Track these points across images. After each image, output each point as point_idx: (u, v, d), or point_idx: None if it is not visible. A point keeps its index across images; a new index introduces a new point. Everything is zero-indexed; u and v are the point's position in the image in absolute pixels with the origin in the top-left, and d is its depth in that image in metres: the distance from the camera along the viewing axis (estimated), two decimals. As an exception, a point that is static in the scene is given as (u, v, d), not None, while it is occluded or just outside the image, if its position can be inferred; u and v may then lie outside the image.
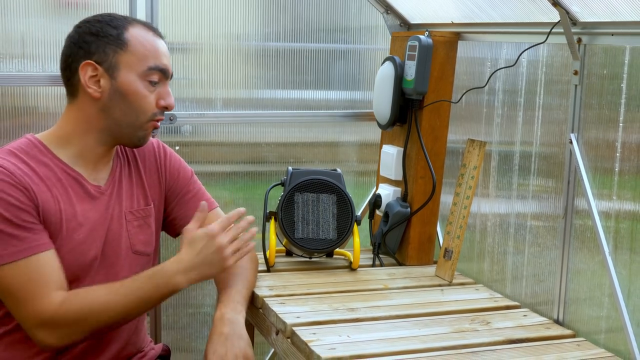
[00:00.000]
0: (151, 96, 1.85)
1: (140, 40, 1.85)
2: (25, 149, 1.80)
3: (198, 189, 2.07)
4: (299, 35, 2.62)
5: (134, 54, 1.83)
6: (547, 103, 2.08)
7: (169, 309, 2.60)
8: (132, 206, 1.92)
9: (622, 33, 1.79)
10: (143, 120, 1.85)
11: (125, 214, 1.90)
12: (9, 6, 2.24)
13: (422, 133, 2.36)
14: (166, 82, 1.89)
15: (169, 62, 1.89)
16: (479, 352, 1.75)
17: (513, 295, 2.17)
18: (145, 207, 1.96)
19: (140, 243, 1.93)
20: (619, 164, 1.82)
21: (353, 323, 1.90)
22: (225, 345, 1.77)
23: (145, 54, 1.84)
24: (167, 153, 2.06)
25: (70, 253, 1.79)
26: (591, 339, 1.87)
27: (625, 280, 1.78)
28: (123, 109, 1.83)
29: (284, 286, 2.13)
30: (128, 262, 1.90)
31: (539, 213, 2.11)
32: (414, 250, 2.42)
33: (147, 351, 2.03)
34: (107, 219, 1.86)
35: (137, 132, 1.86)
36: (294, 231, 2.25)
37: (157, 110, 1.87)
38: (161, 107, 1.87)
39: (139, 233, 1.93)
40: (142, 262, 1.94)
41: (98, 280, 1.82)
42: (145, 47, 1.85)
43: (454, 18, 2.39)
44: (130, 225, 1.91)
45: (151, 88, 1.85)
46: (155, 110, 1.87)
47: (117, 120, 1.84)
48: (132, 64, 1.83)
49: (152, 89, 1.85)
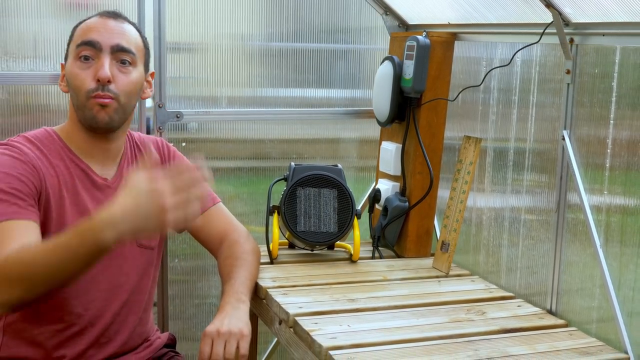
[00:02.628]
0: (85, 72, 1.81)
1: (82, 25, 1.87)
2: (40, 137, 1.84)
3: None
4: (301, 35, 2.61)
5: (74, 41, 1.85)
6: (540, 101, 2.07)
7: (175, 299, 2.60)
8: None
9: (613, 33, 1.79)
10: (82, 99, 1.82)
11: None
12: (21, 8, 2.24)
13: (420, 130, 2.36)
14: (102, 55, 1.82)
15: (106, 35, 1.82)
16: (475, 341, 1.76)
17: (508, 286, 2.17)
18: None
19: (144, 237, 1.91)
20: (610, 160, 1.82)
21: (353, 313, 1.91)
22: (223, 321, 1.77)
23: (79, 34, 1.85)
24: (171, 151, 2.07)
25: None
26: (583, 328, 1.87)
27: (615, 272, 1.79)
28: (71, 93, 1.85)
29: (286, 277, 2.14)
30: (132, 255, 1.91)
31: (532, 207, 2.11)
32: (412, 243, 2.42)
33: (154, 340, 2.04)
34: None
35: (84, 112, 1.82)
36: (296, 224, 2.26)
37: (93, 86, 1.81)
38: (96, 80, 1.80)
39: None
40: (146, 255, 1.95)
41: (100, 271, 1.82)
42: (81, 29, 1.85)
43: (450, 19, 2.38)
44: None
45: (84, 65, 1.82)
46: (91, 86, 1.81)
47: (73, 106, 1.85)
48: (71, 51, 1.85)
49: (86, 66, 1.82)
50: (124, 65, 1.85)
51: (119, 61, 1.84)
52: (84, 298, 1.84)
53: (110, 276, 1.87)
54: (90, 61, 1.82)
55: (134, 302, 1.94)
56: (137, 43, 1.90)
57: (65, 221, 1.80)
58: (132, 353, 1.96)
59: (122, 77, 1.84)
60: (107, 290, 1.87)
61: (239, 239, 2.06)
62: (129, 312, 1.93)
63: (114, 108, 1.83)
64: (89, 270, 1.58)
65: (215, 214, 2.09)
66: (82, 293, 1.83)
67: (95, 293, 1.86)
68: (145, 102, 2.41)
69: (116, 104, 1.83)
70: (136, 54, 1.88)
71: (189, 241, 2.57)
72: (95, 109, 1.81)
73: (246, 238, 2.08)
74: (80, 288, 1.82)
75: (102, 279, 1.86)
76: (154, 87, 2.40)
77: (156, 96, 2.43)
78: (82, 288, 1.83)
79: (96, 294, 1.86)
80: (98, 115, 1.81)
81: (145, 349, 2.00)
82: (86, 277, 1.78)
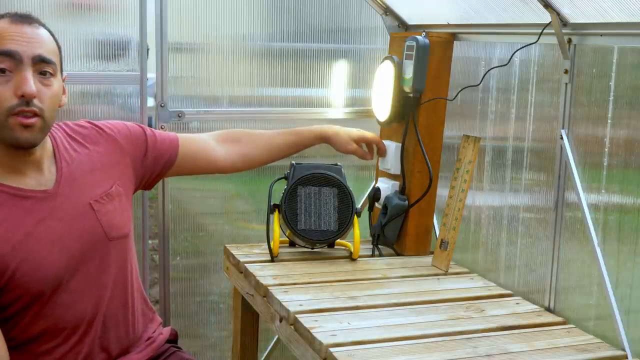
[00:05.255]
0: (3, 88, 1.62)
1: None
2: None
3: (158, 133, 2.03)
4: (301, 35, 2.62)
5: None
6: (538, 100, 2.08)
7: (177, 297, 2.61)
8: (95, 193, 1.82)
9: (611, 34, 1.80)
10: (1, 117, 1.63)
11: (92, 204, 1.81)
12: (23, 8, 2.23)
13: (420, 129, 2.36)
14: (23, 68, 1.64)
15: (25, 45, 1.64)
16: (474, 338, 1.77)
17: (506, 284, 2.18)
18: (110, 188, 1.86)
19: (116, 227, 1.85)
20: (608, 159, 1.83)
21: (353, 311, 1.91)
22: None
23: None
24: (104, 125, 1.94)
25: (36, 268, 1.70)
26: (581, 325, 1.88)
27: (613, 270, 1.80)
28: None
29: (287, 275, 2.14)
30: (107, 251, 1.84)
31: (531, 205, 2.11)
32: (412, 241, 2.42)
33: (156, 337, 2.02)
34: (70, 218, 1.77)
35: (3, 131, 1.65)
36: (296, 223, 2.26)
37: (15, 102, 1.63)
38: (18, 96, 1.62)
39: (113, 216, 1.84)
40: (124, 242, 1.89)
41: (91, 273, 1.80)
42: None
43: (449, 19, 2.38)
44: (99, 213, 1.82)
45: (2, 79, 1.63)
46: (11, 103, 1.63)
47: None
48: None
49: (4, 80, 1.63)
50: (45, 77, 1.69)
51: (39, 73, 1.68)
52: (73, 311, 1.80)
53: (92, 279, 1.82)
54: (8, 74, 1.63)
55: (120, 295, 1.89)
56: (54, 50, 1.74)
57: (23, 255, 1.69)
58: (135, 352, 1.95)
59: (45, 90, 1.69)
60: (93, 294, 1.83)
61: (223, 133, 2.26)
62: (119, 307, 1.89)
63: (39, 127, 1.68)
64: None
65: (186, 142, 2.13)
66: (72, 306, 1.80)
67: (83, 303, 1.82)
68: (147, 101, 2.42)
69: (41, 121, 1.68)
70: (56, 63, 1.73)
71: (190, 239, 2.59)
72: (16, 129, 1.65)
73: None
74: (67, 303, 1.78)
75: (86, 286, 1.81)
76: (157, 86, 2.42)
77: (158, 96, 2.45)
78: (70, 301, 1.79)
79: (84, 303, 1.82)
80: (20, 136, 1.65)
81: (147, 347, 1.99)
82: (70, 288, 1.76)
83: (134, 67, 2.39)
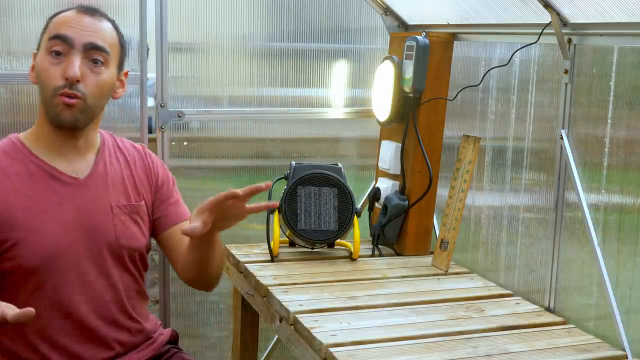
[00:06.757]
0: (54, 68, 1.74)
1: (56, 19, 1.79)
2: (3, 147, 1.82)
3: (179, 197, 2.03)
4: (301, 35, 2.62)
5: (47, 32, 1.78)
6: (538, 100, 2.08)
7: (177, 297, 2.61)
8: (119, 200, 1.88)
9: (611, 34, 1.80)
10: (49, 95, 1.75)
11: (113, 207, 1.86)
12: (24, 7, 2.24)
13: (420, 129, 2.36)
14: (74, 53, 1.75)
15: (80, 32, 1.75)
16: (474, 338, 1.77)
17: (506, 284, 2.18)
18: (136, 203, 1.91)
19: (127, 237, 1.88)
20: (607, 159, 1.83)
21: (353, 311, 1.91)
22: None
23: (53, 27, 1.77)
24: (154, 158, 2.03)
25: (40, 242, 1.76)
26: (581, 325, 1.88)
27: (613, 270, 1.80)
28: (39, 87, 1.78)
29: (287, 275, 2.15)
30: (113, 253, 1.86)
31: (531, 205, 2.12)
32: (412, 241, 2.42)
33: (156, 337, 2.02)
34: (88, 211, 1.82)
35: (49, 109, 1.77)
36: (296, 223, 2.27)
37: (61, 83, 1.73)
38: (64, 78, 1.73)
39: (128, 227, 1.88)
40: (130, 255, 1.90)
41: (83, 268, 1.81)
42: (56, 22, 1.78)
43: (449, 19, 2.39)
44: (117, 218, 1.86)
45: (55, 60, 1.74)
46: (58, 84, 1.73)
47: (40, 101, 1.79)
48: (44, 42, 1.78)
49: (57, 61, 1.75)
50: (95, 65, 1.78)
51: (90, 60, 1.77)
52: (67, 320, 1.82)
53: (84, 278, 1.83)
54: (61, 57, 1.75)
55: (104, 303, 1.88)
56: (112, 41, 1.82)
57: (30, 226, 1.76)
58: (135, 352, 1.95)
59: (92, 76, 1.77)
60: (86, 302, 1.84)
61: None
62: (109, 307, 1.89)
63: (79, 108, 1.76)
64: None
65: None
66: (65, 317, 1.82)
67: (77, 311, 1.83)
68: (147, 101, 2.42)
69: (83, 104, 1.76)
70: (110, 53, 1.80)
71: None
72: (59, 107, 1.75)
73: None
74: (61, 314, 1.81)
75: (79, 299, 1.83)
76: (156, 86, 2.42)
77: (158, 96, 2.45)
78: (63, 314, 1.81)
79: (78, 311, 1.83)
80: (62, 113, 1.75)
81: (147, 347, 1.99)
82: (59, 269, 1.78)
83: (133, 67, 2.39)
